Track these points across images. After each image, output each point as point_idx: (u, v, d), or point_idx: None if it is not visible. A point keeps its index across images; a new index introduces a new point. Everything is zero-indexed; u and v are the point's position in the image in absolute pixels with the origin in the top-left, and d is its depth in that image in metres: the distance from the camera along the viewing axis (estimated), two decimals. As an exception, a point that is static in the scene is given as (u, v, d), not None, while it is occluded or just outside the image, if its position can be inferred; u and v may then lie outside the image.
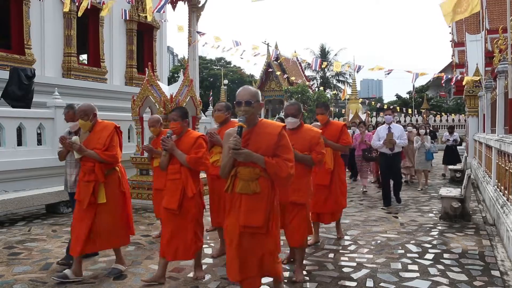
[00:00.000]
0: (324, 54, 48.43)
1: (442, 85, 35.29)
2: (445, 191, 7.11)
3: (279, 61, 33.21)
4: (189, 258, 4.10)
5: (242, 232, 2.96)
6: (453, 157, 12.65)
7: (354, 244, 5.38)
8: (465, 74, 17.99)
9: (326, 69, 46.09)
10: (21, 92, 8.95)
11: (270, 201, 3.00)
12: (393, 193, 8.02)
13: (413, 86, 31.70)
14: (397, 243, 5.40)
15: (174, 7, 13.05)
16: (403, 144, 7.78)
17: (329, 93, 39.15)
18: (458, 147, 13.26)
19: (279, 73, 30.03)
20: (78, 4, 9.52)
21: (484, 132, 10.92)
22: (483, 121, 11.38)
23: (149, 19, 10.82)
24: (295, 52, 20.64)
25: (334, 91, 42.61)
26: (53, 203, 7.22)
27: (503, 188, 6.30)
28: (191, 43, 12.60)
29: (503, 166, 6.23)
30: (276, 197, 3.08)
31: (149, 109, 8.78)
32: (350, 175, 11.97)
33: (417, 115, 34.27)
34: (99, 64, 12.87)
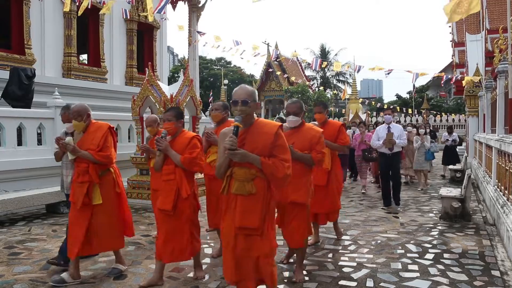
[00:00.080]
0: (324, 54, 48.44)
1: (441, 85, 35.31)
2: (445, 191, 7.11)
3: (279, 60, 33.22)
4: (185, 259, 4.05)
5: (237, 233, 2.92)
6: (452, 158, 12.64)
7: (354, 244, 5.38)
8: (465, 74, 17.98)
9: (326, 69, 46.12)
10: (21, 92, 8.95)
11: (266, 202, 2.95)
12: (392, 194, 7.80)
13: (413, 86, 31.65)
14: (397, 243, 5.40)
15: (174, 7, 13.08)
16: (402, 144, 7.67)
17: (329, 93, 39.17)
18: (458, 147, 13.25)
19: (279, 73, 30.03)
20: (78, 3, 9.52)
21: (484, 132, 10.92)
22: (483, 121, 11.38)
23: (150, 19, 10.82)
24: (295, 52, 20.61)
25: (334, 91, 42.61)
26: (53, 203, 7.23)
27: (503, 188, 6.30)
28: (191, 43, 12.62)
29: (503, 166, 6.23)
30: (272, 198, 3.03)
31: (149, 109, 8.78)
32: (349, 175, 11.97)
33: (417, 115, 34.27)
34: (99, 64, 12.88)
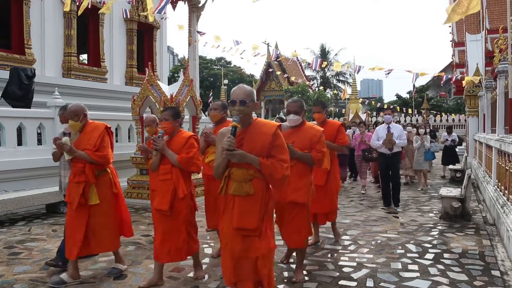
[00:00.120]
0: (324, 54, 48.44)
1: (441, 85, 35.32)
2: (445, 191, 7.11)
3: (279, 60, 33.22)
4: (181, 259, 4.02)
5: (235, 234, 2.89)
6: (452, 158, 12.65)
7: (354, 244, 5.38)
8: (465, 74, 17.99)
9: (326, 69, 46.12)
10: (21, 92, 8.95)
11: (264, 203, 2.92)
12: (391, 195, 7.72)
13: (413, 86, 31.64)
14: (397, 243, 5.40)
15: (174, 7, 13.06)
16: (402, 144, 7.65)
17: (329, 93, 39.18)
18: (458, 147, 13.25)
19: (279, 73, 30.05)
20: (78, 3, 9.51)
21: (484, 132, 10.92)
22: (483, 121, 11.39)
23: (151, 19, 10.83)
24: (295, 52, 20.62)
25: (334, 91, 42.62)
26: (53, 203, 7.23)
27: (503, 188, 6.30)
28: (191, 43, 12.61)
29: (503, 166, 6.23)
30: (270, 198, 3.00)
31: (149, 109, 8.78)
32: (349, 175, 11.97)
33: (417, 115, 34.27)
34: (99, 64, 12.88)
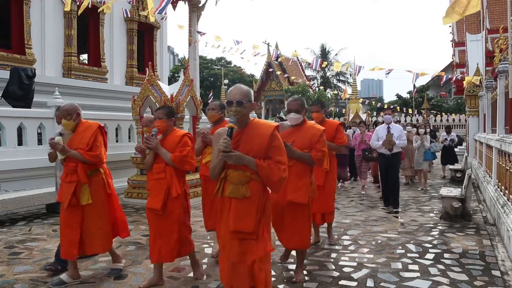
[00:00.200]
0: (324, 54, 48.42)
1: (441, 85, 35.31)
2: (445, 191, 7.11)
3: (279, 60, 33.23)
4: (171, 260, 3.96)
5: (232, 237, 2.84)
6: (451, 157, 12.66)
7: (354, 244, 5.38)
8: (465, 74, 17.99)
9: (326, 69, 46.11)
10: (21, 91, 8.95)
11: (261, 205, 2.86)
12: (391, 197, 7.59)
13: (414, 86, 31.62)
14: (398, 243, 5.39)
15: (174, 7, 13.07)
16: (402, 144, 7.55)
17: (329, 93, 39.21)
18: (458, 147, 13.26)
19: (280, 72, 30.06)
20: (79, 3, 9.52)
21: (484, 132, 10.92)
22: (484, 121, 11.38)
23: (152, 19, 10.82)
24: (295, 51, 20.63)
25: (334, 91, 42.64)
26: (53, 203, 7.20)
27: (503, 188, 6.30)
28: (191, 43, 12.62)
29: (504, 166, 6.23)
30: (268, 200, 2.94)
31: (150, 109, 8.78)
32: (349, 175, 11.95)
33: (417, 115, 34.27)
34: (99, 64, 12.88)
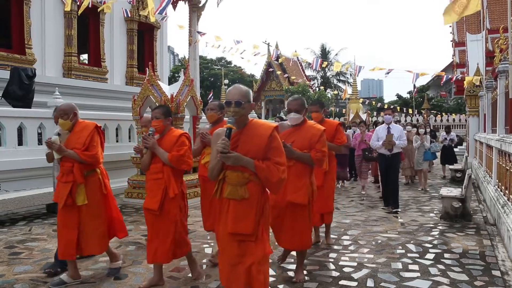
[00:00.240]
0: (324, 54, 48.42)
1: (441, 85, 35.30)
2: (445, 191, 7.11)
3: (280, 61, 33.25)
4: (167, 261, 3.92)
5: (230, 239, 2.81)
6: (450, 157, 12.66)
7: (354, 244, 5.37)
8: (465, 74, 18.00)
9: (326, 69, 46.11)
10: (21, 91, 8.96)
11: (259, 207, 2.82)
12: (391, 198, 7.54)
13: (414, 86, 31.63)
14: (398, 243, 5.39)
15: (174, 7, 13.08)
16: (402, 145, 7.49)
17: (329, 93, 39.21)
18: (458, 147, 13.27)
19: (280, 72, 30.07)
20: (79, 3, 9.52)
21: (484, 132, 10.92)
22: (484, 121, 11.38)
23: (152, 19, 10.83)
24: (295, 52, 20.65)
25: (334, 91, 42.61)
26: (53, 203, 7.16)
27: (503, 188, 6.29)
28: (191, 43, 12.62)
29: (504, 166, 6.23)
30: (266, 202, 2.91)
31: (150, 109, 8.77)
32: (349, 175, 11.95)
33: (417, 115, 34.26)
34: (99, 64, 12.89)
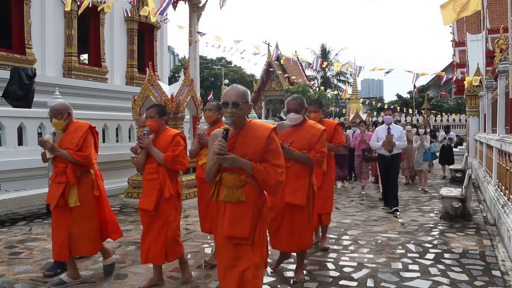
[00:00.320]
0: (324, 54, 48.43)
1: (441, 85, 35.30)
2: (445, 191, 7.11)
3: (282, 61, 33.25)
4: (159, 262, 3.88)
5: (226, 242, 2.75)
6: (448, 157, 12.66)
7: (354, 244, 5.37)
8: (466, 74, 18.00)
9: (326, 69, 46.13)
10: (22, 91, 8.96)
11: (257, 210, 2.77)
12: (390, 198, 7.48)
13: (414, 86, 31.61)
14: (398, 243, 5.39)
15: (174, 7, 13.07)
16: (402, 145, 7.42)
17: (330, 93, 39.20)
18: (458, 147, 13.27)
19: (280, 72, 30.07)
20: (79, 3, 9.52)
21: (485, 132, 10.92)
22: (484, 121, 11.38)
23: (153, 20, 10.83)
24: (295, 52, 20.67)
25: (335, 91, 42.60)
26: (53, 203, 7.23)
27: (503, 188, 6.29)
28: (191, 43, 12.62)
29: (504, 166, 6.23)
30: (264, 205, 2.86)
31: (150, 109, 8.78)
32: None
33: (417, 115, 34.26)
34: (100, 63, 12.89)
